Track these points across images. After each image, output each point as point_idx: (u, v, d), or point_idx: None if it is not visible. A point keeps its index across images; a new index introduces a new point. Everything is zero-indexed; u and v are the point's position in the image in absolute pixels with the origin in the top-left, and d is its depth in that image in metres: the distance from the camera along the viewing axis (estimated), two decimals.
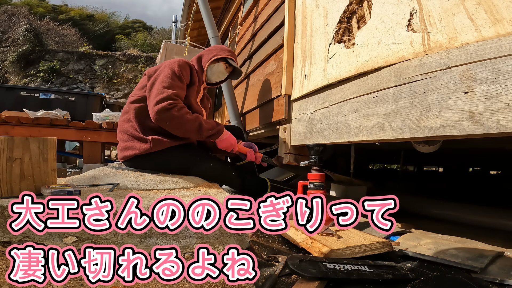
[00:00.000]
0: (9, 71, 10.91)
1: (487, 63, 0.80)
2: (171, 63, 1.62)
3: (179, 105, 1.49)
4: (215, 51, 1.85)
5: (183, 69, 1.61)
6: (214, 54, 1.81)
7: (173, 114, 1.47)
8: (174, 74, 1.56)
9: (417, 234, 1.18)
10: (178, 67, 1.59)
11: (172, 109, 1.47)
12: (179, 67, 1.59)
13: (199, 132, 1.55)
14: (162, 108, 1.46)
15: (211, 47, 1.91)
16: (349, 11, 1.36)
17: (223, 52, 1.85)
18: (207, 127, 1.57)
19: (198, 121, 1.54)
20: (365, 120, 1.18)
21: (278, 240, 1.25)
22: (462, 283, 0.80)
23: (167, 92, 1.49)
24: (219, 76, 1.88)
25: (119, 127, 1.71)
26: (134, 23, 22.77)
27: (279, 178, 2.54)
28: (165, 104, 1.46)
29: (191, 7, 5.05)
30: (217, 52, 1.83)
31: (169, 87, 1.51)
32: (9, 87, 3.42)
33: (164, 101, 1.47)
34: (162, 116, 1.47)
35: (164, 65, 1.62)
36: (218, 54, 1.82)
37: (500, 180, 3.83)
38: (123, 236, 0.95)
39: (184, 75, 1.60)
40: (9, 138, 1.01)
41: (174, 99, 1.49)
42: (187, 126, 1.51)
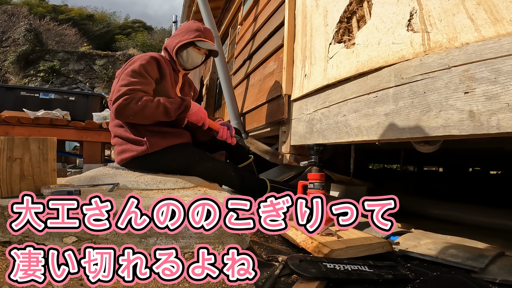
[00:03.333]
0: (9, 71, 10.91)
1: (487, 63, 0.80)
2: (134, 60, 1.57)
3: (136, 97, 1.44)
4: (179, 36, 1.66)
5: (147, 64, 1.54)
6: (177, 41, 1.65)
7: (132, 108, 1.43)
8: (133, 71, 1.51)
9: (417, 234, 1.18)
10: (139, 64, 1.52)
11: (129, 103, 1.43)
12: (140, 64, 1.52)
13: (166, 114, 1.51)
14: (119, 106, 1.43)
15: (177, 31, 1.71)
16: (349, 11, 1.36)
17: (188, 34, 1.64)
18: (173, 107, 1.51)
19: (162, 105, 1.49)
20: (365, 120, 1.18)
21: (278, 240, 1.25)
22: (462, 283, 0.80)
23: (123, 89, 1.45)
24: (194, 61, 1.72)
25: (112, 132, 1.68)
26: (134, 23, 22.79)
27: (279, 178, 2.54)
28: (121, 100, 1.43)
29: (191, 7, 5.05)
30: (181, 37, 1.65)
31: (126, 84, 1.46)
32: (9, 87, 3.42)
33: (119, 98, 1.43)
34: (122, 114, 1.45)
35: (127, 64, 1.59)
36: (182, 40, 1.64)
37: (500, 180, 3.83)
38: (123, 236, 0.95)
39: (148, 70, 1.53)
40: (9, 138, 1.01)
41: (129, 93, 1.44)
42: (152, 113, 1.47)
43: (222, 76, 2.58)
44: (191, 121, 1.64)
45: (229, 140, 1.69)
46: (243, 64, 2.97)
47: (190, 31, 1.66)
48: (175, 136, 1.63)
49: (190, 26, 1.69)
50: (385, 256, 1.03)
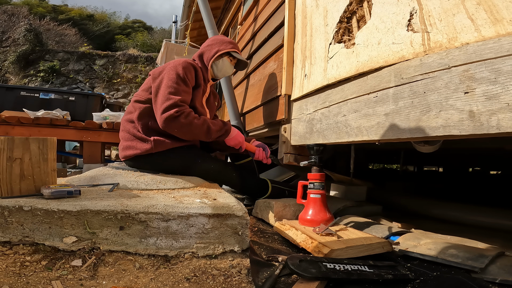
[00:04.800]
0: (9, 71, 10.91)
1: (487, 63, 0.80)
2: (175, 65, 1.57)
3: (186, 111, 1.48)
4: (216, 45, 1.75)
5: (188, 72, 1.57)
6: (216, 50, 1.73)
7: (181, 122, 1.46)
8: (179, 78, 1.52)
9: (417, 234, 1.18)
10: (183, 70, 1.54)
11: (179, 116, 1.45)
12: (183, 70, 1.55)
13: (207, 134, 1.54)
14: (169, 117, 1.45)
15: (211, 42, 1.80)
16: (349, 11, 1.36)
17: (225, 45, 1.75)
18: (215, 129, 1.56)
19: (206, 124, 1.53)
20: (365, 120, 1.18)
21: (278, 240, 1.25)
22: (462, 283, 0.80)
23: (174, 98, 1.46)
24: (226, 71, 1.81)
25: (121, 126, 1.70)
26: (134, 23, 22.78)
27: (279, 178, 2.54)
28: (172, 112, 1.45)
29: (191, 7, 5.05)
30: (218, 47, 1.74)
31: (175, 93, 1.48)
32: (9, 87, 3.42)
33: (171, 109, 1.45)
34: (170, 124, 1.47)
35: (168, 67, 1.58)
36: (221, 49, 1.73)
37: (500, 180, 3.83)
38: (123, 236, 0.95)
39: (189, 78, 1.57)
40: (9, 138, 1.01)
41: (181, 105, 1.47)
42: (196, 131, 1.51)
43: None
44: (229, 145, 1.68)
45: (264, 161, 1.76)
46: None
47: (225, 43, 1.76)
48: (182, 140, 1.62)
49: (224, 39, 1.80)
50: (385, 256, 1.03)
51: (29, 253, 0.88)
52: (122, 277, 0.84)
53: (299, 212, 1.43)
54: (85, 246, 0.92)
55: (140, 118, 1.60)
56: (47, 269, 0.83)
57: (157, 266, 0.90)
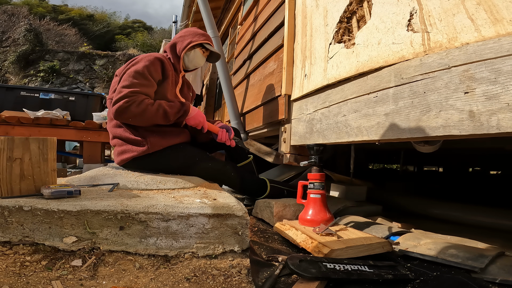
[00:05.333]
0: (9, 71, 10.91)
1: (487, 63, 0.80)
2: (138, 60, 1.58)
3: (137, 100, 1.46)
4: (189, 37, 1.74)
5: (151, 65, 1.55)
6: (188, 41, 1.72)
7: (132, 111, 1.45)
8: (137, 72, 1.52)
9: (417, 234, 1.18)
10: (143, 65, 1.54)
11: (130, 106, 1.45)
12: (144, 65, 1.54)
13: (166, 118, 1.54)
14: (119, 108, 1.44)
15: (183, 33, 1.79)
16: (349, 11, 1.36)
17: (198, 37, 1.74)
18: (172, 112, 1.55)
19: (161, 108, 1.51)
20: (365, 120, 1.18)
21: (278, 240, 1.25)
22: (462, 283, 0.80)
23: (124, 91, 1.46)
24: (198, 62, 1.81)
25: (110, 133, 1.67)
26: (134, 23, 22.79)
27: (279, 178, 2.54)
28: (121, 103, 1.44)
29: (191, 7, 5.05)
30: (191, 38, 1.73)
31: (127, 86, 1.48)
32: (9, 87, 3.41)
33: (120, 101, 1.45)
34: (121, 116, 1.47)
35: (130, 63, 1.59)
36: (193, 41, 1.72)
37: (500, 180, 3.83)
38: (123, 236, 0.95)
39: (152, 71, 1.55)
40: (9, 138, 1.01)
41: (131, 95, 1.46)
42: (152, 116, 1.50)
43: (222, 76, 2.58)
44: (190, 125, 1.66)
45: (228, 142, 1.73)
46: (243, 64, 2.97)
47: (198, 34, 1.76)
48: (174, 135, 1.63)
49: (197, 31, 1.79)
50: (385, 256, 1.03)
51: (29, 253, 0.88)
52: (122, 277, 0.84)
53: (299, 212, 1.43)
54: (85, 246, 0.92)
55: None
56: (47, 269, 0.83)
57: (157, 266, 0.90)
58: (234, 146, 1.77)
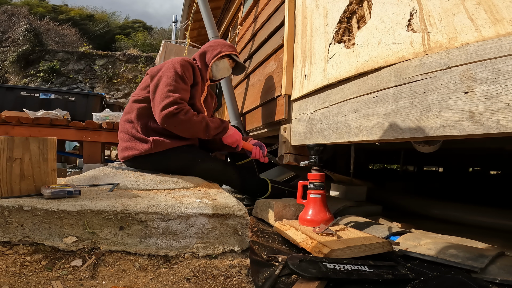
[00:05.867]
0: (9, 71, 10.91)
1: (487, 63, 0.80)
2: (174, 63, 1.59)
3: (185, 108, 1.49)
4: (219, 47, 1.80)
5: (186, 70, 1.59)
6: (218, 51, 1.78)
7: (180, 119, 1.47)
8: (178, 76, 1.54)
9: (417, 234, 1.18)
10: (181, 68, 1.56)
11: (178, 113, 1.46)
12: (181, 68, 1.56)
13: (206, 132, 1.56)
14: (169, 114, 1.46)
15: (213, 43, 1.86)
16: (349, 11, 1.36)
17: (227, 48, 1.81)
18: (213, 126, 1.58)
19: (204, 121, 1.54)
20: (365, 120, 1.18)
21: (278, 240, 1.25)
22: (462, 283, 0.80)
23: (173, 96, 1.47)
24: (225, 73, 1.86)
25: (120, 126, 1.69)
26: (134, 23, 22.78)
27: (279, 178, 2.54)
28: (172, 109, 1.45)
29: (191, 7, 5.05)
30: (221, 48, 1.79)
31: (174, 91, 1.50)
32: (9, 87, 3.42)
33: (170, 106, 1.46)
34: (169, 121, 1.48)
35: (166, 65, 1.60)
36: (223, 51, 1.78)
37: (500, 180, 3.83)
38: (123, 236, 0.95)
39: (187, 76, 1.58)
40: (9, 138, 1.01)
41: (180, 102, 1.48)
42: (195, 128, 1.52)
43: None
44: (226, 143, 1.70)
45: (262, 159, 1.77)
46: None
47: (227, 45, 1.83)
48: (181, 139, 1.62)
49: (226, 42, 1.87)
50: (385, 256, 1.03)
51: (29, 253, 0.88)
52: (122, 277, 0.84)
53: (299, 212, 1.43)
54: (85, 246, 0.92)
55: (139, 118, 1.60)
56: (47, 269, 0.83)
57: (157, 266, 0.90)
58: (267, 162, 1.81)
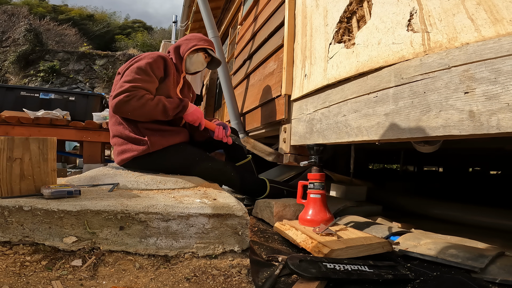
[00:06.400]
0: (9, 71, 10.91)
1: (487, 63, 0.80)
2: (141, 58, 1.61)
3: (138, 94, 1.48)
4: (194, 40, 1.81)
5: (154, 63, 1.59)
6: (193, 44, 1.78)
7: (132, 105, 1.47)
8: (139, 69, 1.54)
9: (417, 234, 1.18)
10: (146, 62, 1.57)
11: (130, 100, 1.46)
12: (146, 62, 1.57)
13: (164, 113, 1.55)
14: (119, 101, 1.46)
15: (189, 37, 1.86)
16: (349, 11, 1.36)
17: (202, 42, 1.81)
18: (171, 107, 1.57)
19: (161, 104, 1.54)
20: (365, 120, 1.18)
21: (278, 240, 1.25)
22: (462, 283, 0.80)
23: (126, 85, 1.48)
24: (198, 66, 1.86)
25: (111, 131, 1.69)
26: (134, 23, 22.79)
27: (279, 178, 2.54)
28: (122, 97, 1.46)
29: (191, 7, 5.05)
30: (196, 42, 1.80)
31: (129, 81, 1.50)
32: (9, 87, 3.41)
33: (120, 94, 1.47)
34: (120, 109, 1.48)
35: (133, 60, 1.62)
36: (198, 45, 1.78)
37: (500, 180, 3.83)
38: (123, 236, 0.95)
39: (154, 68, 1.58)
40: (9, 138, 1.01)
41: (132, 90, 1.48)
42: (151, 111, 1.52)
43: (222, 76, 2.58)
44: (188, 121, 1.68)
45: (224, 139, 1.74)
46: (243, 64, 2.97)
47: (203, 40, 1.82)
48: (174, 134, 1.64)
49: (202, 36, 1.86)
50: (385, 256, 1.03)
51: (29, 253, 0.88)
52: (122, 277, 0.84)
53: (299, 212, 1.43)
54: (85, 246, 0.92)
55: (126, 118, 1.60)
56: (47, 269, 0.83)
57: (157, 266, 0.90)
58: (231, 143, 1.78)
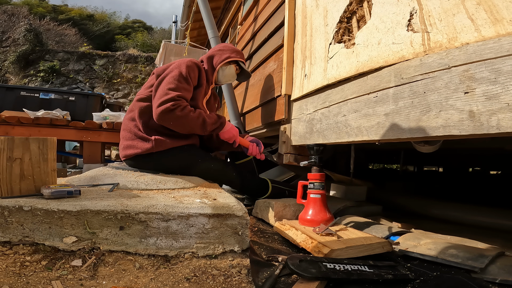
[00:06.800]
0: (9, 71, 10.91)
1: (487, 63, 0.80)
2: (180, 64, 1.62)
3: (182, 104, 1.50)
4: (227, 52, 1.81)
5: (191, 71, 1.61)
6: (227, 56, 1.79)
7: (176, 115, 1.48)
8: (181, 76, 1.56)
9: (417, 234, 1.18)
10: (186, 69, 1.59)
11: (175, 109, 1.48)
12: (187, 69, 1.59)
13: (203, 127, 1.57)
14: (165, 110, 1.47)
15: (222, 47, 1.86)
16: (349, 11, 1.36)
17: (235, 54, 1.83)
18: (210, 122, 1.59)
19: (201, 117, 1.56)
20: (365, 120, 1.18)
21: (278, 240, 1.25)
22: (462, 283, 0.80)
23: (171, 93, 1.49)
24: (230, 79, 1.88)
25: (123, 124, 1.71)
26: (134, 23, 22.78)
27: (279, 178, 2.54)
28: (168, 105, 1.47)
29: (191, 7, 5.04)
30: (229, 53, 1.81)
31: (174, 89, 1.52)
32: (9, 87, 3.41)
33: (167, 103, 1.48)
34: (165, 117, 1.49)
35: (173, 65, 1.63)
36: (231, 57, 1.80)
37: (500, 180, 3.83)
38: (123, 236, 0.95)
39: (191, 77, 1.60)
40: (9, 138, 1.01)
41: (177, 99, 1.50)
42: (192, 123, 1.53)
43: None
44: (223, 139, 1.71)
45: (258, 156, 1.77)
46: None
47: (236, 52, 1.84)
48: (182, 138, 1.64)
49: (235, 48, 1.88)
50: (385, 256, 1.03)
51: (29, 253, 0.88)
52: (122, 277, 0.84)
53: (299, 212, 1.43)
54: (85, 246, 0.92)
55: (140, 116, 1.62)
56: (47, 269, 0.83)
57: (157, 266, 0.90)
58: (263, 159, 1.80)
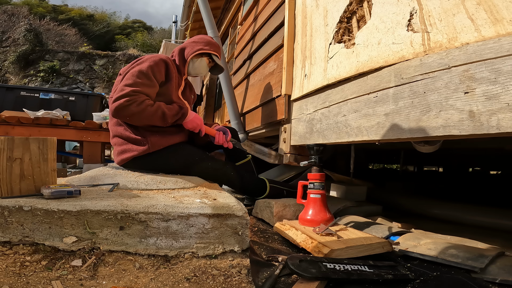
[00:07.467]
0: (9, 71, 10.91)
1: (487, 63, 0.80)
2: (142, 60, 1.60)
3: (138, 100, 1.47)
4: (200, 44, 1.77)
5: (155, 66, 1.58)
6: (199, 48, 1.75)
7: (131, 110, 1.46)
8: (140, 72, 1.53)
9: (417, 234, 1.18)
10: (148, 66, 1.56)
11: (130, 105, 1.46)
12: (148, 66, 1.56)
13: (163, 120, 1.55)
14: (118, 106, 1.46)
15: (196, 39, 1.82)
16: (349, 11, 1.36)
17: (209, 47, 1.78)
18: (170, 114, 1.56)
19: (160, 110, 1.53)
20: (365, 120, 1.18)
21: (278, 240, 1.25)
22: (462, 283, 0.80)
23: (126, 89, 1.47)
24: (200, 71, 1.83)
25: (111, 132, 1.69)
26: (134, 23, 22.79)
27: (279, 178, 2.54)
28: (122, 101, 1.45)
29: (191, 7, 5.05)
30: (202, 46, 1.77)
31: (130, 85, 1.49)
32: (9, 87, 3.41)
33: (121, 99, 1.46)
34: (119, 113, 1.48)
35: (135, 63, 1.61)
36: (203, 49, 1.76)
37: (500, 180, 3.83)
38: (123, 236, 0.95)
39: (156, 72, 1.57)
40: (9, 138, 1.01)
41: (133, 95, 1.47)
42: (150, 117, 1.51)
43: (222, 76, 2.58)
44: (187, 128, 1.68)
45: (225, 144, 1.75)
46: (243, 64, 2.97)
47: (210, 44, 1.79)
48: (173, 134, 1.64)
49: (211, 41, 1.83)
50: (385, 256, 1.03)
51: (29, 253, 0.88)
52: (122, 277, 0.84)
53: (299, 212, 1.43)
54: (85, 246, 0.92)
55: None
56: (47, 269, 0.83)
57: (157, 266, 0.90)
58: (231, 148, 1.78)
